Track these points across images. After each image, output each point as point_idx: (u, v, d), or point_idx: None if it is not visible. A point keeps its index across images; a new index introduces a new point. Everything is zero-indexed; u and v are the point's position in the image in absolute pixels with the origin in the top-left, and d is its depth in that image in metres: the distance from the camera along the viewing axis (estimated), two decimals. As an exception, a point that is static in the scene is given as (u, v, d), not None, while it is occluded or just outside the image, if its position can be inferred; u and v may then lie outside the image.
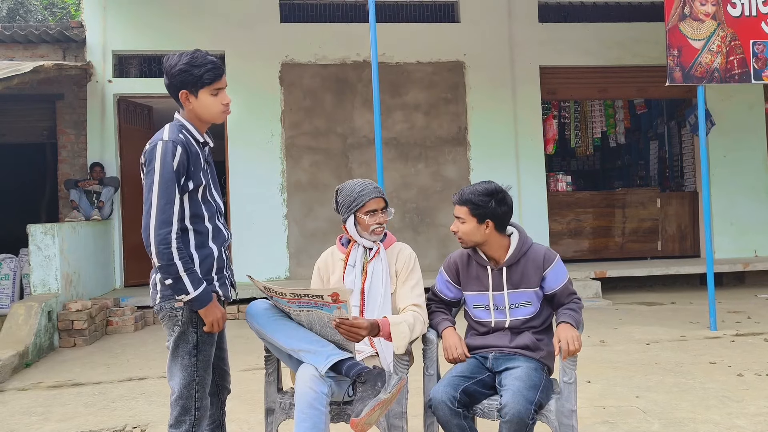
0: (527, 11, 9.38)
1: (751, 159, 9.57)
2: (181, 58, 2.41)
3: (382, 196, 2.79)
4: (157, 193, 2.28)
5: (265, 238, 8.62)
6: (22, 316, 5.93)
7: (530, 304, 2.71)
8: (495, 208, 2.64)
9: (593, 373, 4.60)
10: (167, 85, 2.46)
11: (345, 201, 2.76)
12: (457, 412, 2.48)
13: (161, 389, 4.69)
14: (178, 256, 2.28)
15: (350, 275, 2.77)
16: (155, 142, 2.37)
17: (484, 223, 2.65)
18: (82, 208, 8.07)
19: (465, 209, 2.66)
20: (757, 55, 6.18)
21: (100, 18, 8.68)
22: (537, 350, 2.68)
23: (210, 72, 2.41)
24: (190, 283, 2.31)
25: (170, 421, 2.43)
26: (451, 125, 9.22)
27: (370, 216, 2.74)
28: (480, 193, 2.64)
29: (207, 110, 2.46)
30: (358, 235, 2.78)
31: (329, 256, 2.91)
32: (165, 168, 2.30)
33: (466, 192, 2.68)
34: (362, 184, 2.79)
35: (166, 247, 2.27)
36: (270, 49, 8.84)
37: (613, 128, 10.68)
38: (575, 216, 9.40)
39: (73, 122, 8.63)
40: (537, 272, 2.69)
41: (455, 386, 2.53)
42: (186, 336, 2.39)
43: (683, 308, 7.33)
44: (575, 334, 2.56)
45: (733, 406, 3.83)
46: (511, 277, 2.70)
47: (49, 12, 14.94)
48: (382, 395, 2.35)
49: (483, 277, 2.75)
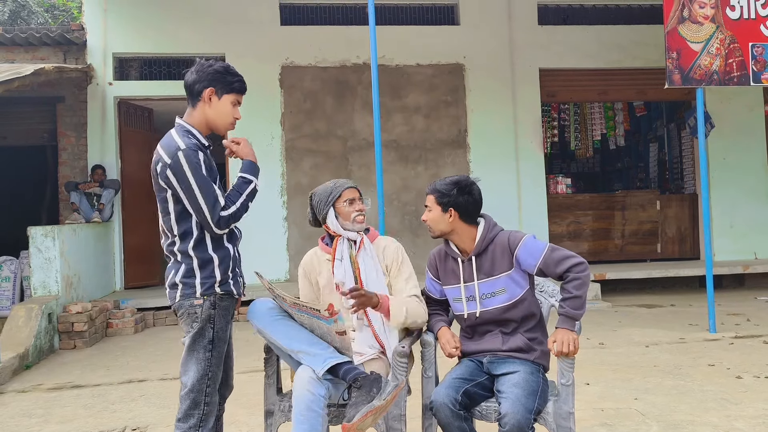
0: (527, 14, 9.40)
1: (750, 161, 9.57)
2: (218, 63, 2.57)
3: (356, 187, 2.90)
4: (200, 194, 2.42)
5: (265, 241, 8.62)
6: (23, 318, 5.94)
7: (504, 291, 2.68)
8: (457, 197, 2.69)
9: (592, 375, 4.61)
10: (193, 80, 2.53)
11: (321, 198, 2.85)
12: (458, 414, 2.49)
13: (161, 391, 4.70)
14: (232, 206, 2.48)
15: (339, 268, 2.79)
16: (174, 153, 2.42)
17: (447, 211, 2.70)
18: (83, 210, 8.08)
19: (432, 197, 2.74)
20: (756, 58, 6.19)
21: (101, 20, 8.70)
22: (530, 351, 2.67)
23: (240, 83, 2.59)
24: (246, 190, 2.57)
25: (178, 415, 2.47)
26: (451, 128, 9.24)
27: (348, 204, 2.82)
28: (446, 183, 2.73)
29: (220, 116, 2.57)
30: (341, 228, 2.82)
31: (313, 256, 2.93)
32: (197, 173, 2.42)
33: (437, 182, 2.77)
34: (334, 181, 2.91)
35: (232, 219, 2.47)
36: (270, 51, 8.86)
37: (613, 130, 10.70)
38: (575, 218, 9.41)
39: (73, 125, 8.65)
40: (505, 255, 2.68)
41: (456, 388, 2.54)
42: (203, 332, 2.47)
43: (683, 310, 7.33)
44: (572, 338, 2.54)
45: (732, 409, 3.83)
46: (481, 266, 2.71)
47: (50, 15, 14.97)
48: (376, 402, 2.35)
49: (456, 269, 2.77)
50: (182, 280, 2.49)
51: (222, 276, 2.50)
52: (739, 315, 6.91)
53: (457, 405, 2.48)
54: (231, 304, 2.57)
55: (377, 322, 2.73)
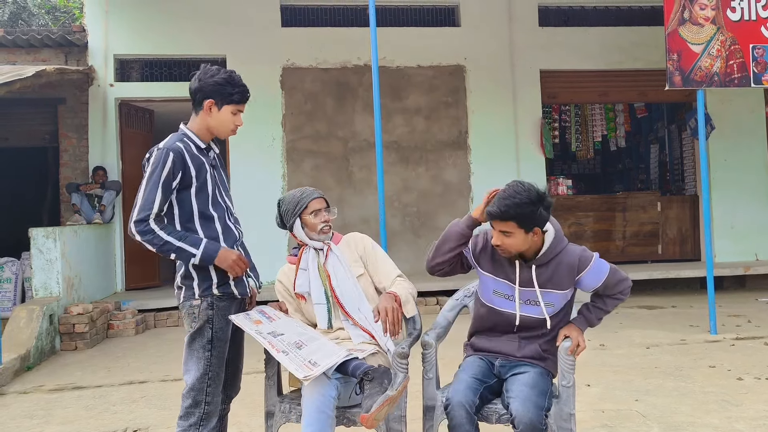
0: (528, 15, 9.40)
1: (751, 162, 9.57)
2: (221, 72, 2.60)
3: (323, 197, 2.91)
4: (142, 192, 2.47)
5: (265, 242, 8.55)
6: (24, 320, 5.94)
7: (552, 305, 2.61)
8: (543, 215, 2.50)
9: (593, 377, 4.61)
10: (196, 88, 2.60)
11: (288, 207, 2.85)
12: (472, 419, 2.46)
13: (162, 393, 4.70)
14: (165, 233, 2.46)
15: (301, 278, 2.84)
16: (152, 150, 2.54)
17: (531, 231, 2.51)
18: (84, 211, 8.09)
19: (512, 224, 2.48)
20: (757, 59, 6.19)
21: (102, 22, 8.71)
22: (542, 359, 2.66)
23: (240, 94, 2.61)
24: (190, 246, 2.46)
25: (180, 413, 2.50)
26: (452, 129, 9.24)
27: (314, 215, 2.83)
28: (523, 204, 2.45)
29: (221, 125, 2.62)
30: (307, 237, 2.84)
31: (287, 270, 2.96)
32: (154, 174, 2.46)
33: (509, 206, 2.46)
34: (301, 190, 2.90)
35: (150, 235, 2.45)
36: (271, 53, 8.87)
37: (614, 132, 10.70)
38: (576, 219, 9.40)
39: (74, 126, 8.66)
40: (570, 275, 2.58)
41: (475, 390, 2.52)
42: (202, 331, 2.51)
43: (684, 312, 7.33)
44: (583, 337, 2.58)
45: (733, 410, 3.83)
46: (539, 275, 2.59)
47: (51, 16, 14.99)
48: (390, 392, 2.39)
49: (509, 267, 2.64)
50: (182, 281, 2.57)
51: (219, 278, 2.54)
52: (740, 316, 6.90)
53: (473, 408, 2.47)
54: (231, 305, 2.59)
55: (357, 314, 2.78)
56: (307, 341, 2.54)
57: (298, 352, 2.46)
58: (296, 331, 2.62)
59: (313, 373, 2.35)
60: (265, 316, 2.70)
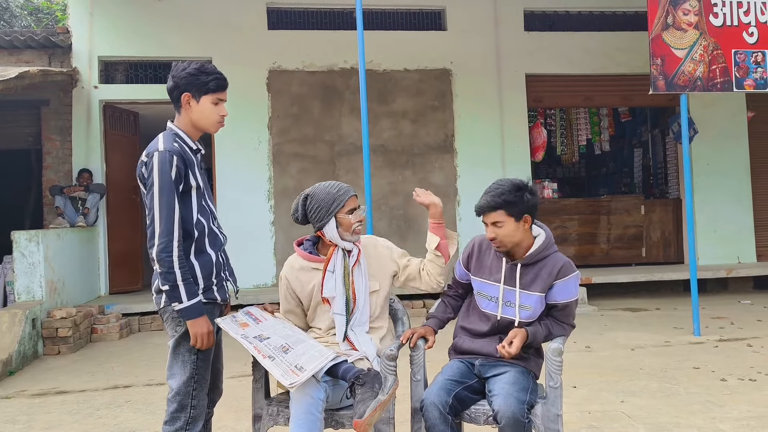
0: (513, 20, 9.47)
1: (733, 166, 9.69)
2: (191, 64, 2.52)
3: (356, 194, 2.77)
4: (158, 204, 2.36)
5: (251, 246, 8.58)
6: (6, 324, 5.86)
7: (530, 309, 2.65)
8: (530, 200, 2.58)
9: (579, 379, 4.64)
10: (171, 86, 2.51)
11: (322, 205, 2.64)
12: (446, 418, 2.48)
13: (147, 397, 4.66)
14: (179, 265, 2.36)
15: (330, 281, 2.66)
16: (152, 153, 2.42)
17: (521, 219, 2.58)
18: (67, 214, 8.01)
19: (501, 212, 2.57)
20: (739, 65, 6.28)
21: (87, 24, 8.65)
22: (522, 359, 2.67)
23: (215, 81, 2.50)
24: (185, 293, 2.38)
25: (165, 418, 2.46)
26: (438, 132, 9.27)
27: (350, 214, 2.66)
28: (509, 191, 2.56)
29: (204, 117, 2.52)
30: (339, 238, 2.66)
31: (295, 266, 2.78)
32: (163, 178, 2.37)
33: (494, 195, 2.58)
34: (336, 186, 2.69)
35: (167, 255, 2.35)
36: (257, 55, 8.85)
37: (598, 136, 10.78)
38: (561, 222, 9.46)
39: (58, 128, 8.57)
40: (548, 279, 2.63)
41: (449, 391, 2.53)
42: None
43: (667, 314, 7.40)
44: (518, 344, 2.55)
45: (717, 411, 3.87)
46: (523, 275, 2.64)
47: (33, 18, 14.83)
48: (381, 396, 2.38)
49: (496, 268, 2.69)
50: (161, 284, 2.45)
51: (205, 282, 2.48)
52: (723, 318, 6.98)
53: (446, 408, 2.48)
54: (214, 309, 2.56)
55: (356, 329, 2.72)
56: (293, 344, 2.52)
57: (284, 357, 2.43)
58: (283, 333, 2.59)
59: (298, 380, 2.33)
60: (251, 317, 2.67)
